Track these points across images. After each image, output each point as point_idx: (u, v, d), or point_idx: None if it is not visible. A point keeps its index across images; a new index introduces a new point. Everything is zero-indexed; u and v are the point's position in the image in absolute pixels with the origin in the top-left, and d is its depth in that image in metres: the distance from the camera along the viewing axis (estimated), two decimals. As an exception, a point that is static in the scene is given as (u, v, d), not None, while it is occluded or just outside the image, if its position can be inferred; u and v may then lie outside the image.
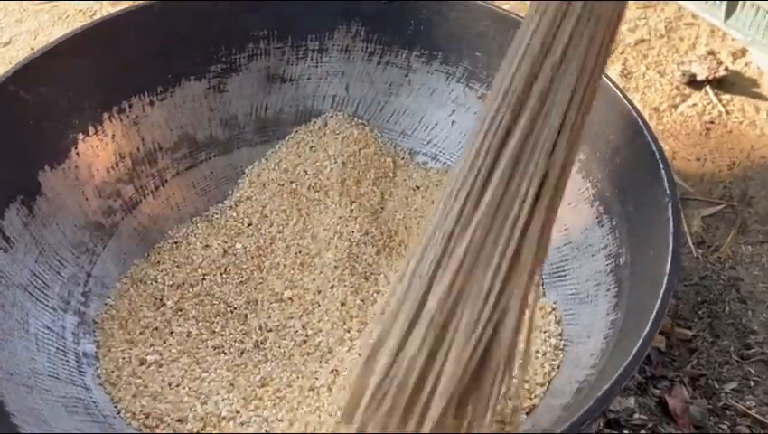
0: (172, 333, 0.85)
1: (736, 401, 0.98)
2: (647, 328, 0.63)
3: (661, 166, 0.75)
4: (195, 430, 0.76)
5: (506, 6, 1.42)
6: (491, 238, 0.56)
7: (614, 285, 0.78)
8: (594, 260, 0.82)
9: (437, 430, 0.55)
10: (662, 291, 0.66)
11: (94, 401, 0.77)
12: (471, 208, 0.56)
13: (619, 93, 0.82)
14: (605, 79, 0.83)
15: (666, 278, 0.66)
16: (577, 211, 0.86)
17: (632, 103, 0.80)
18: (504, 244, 0.55)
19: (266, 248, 0.93)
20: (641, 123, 0.79)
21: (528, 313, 0.57)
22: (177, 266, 0.91)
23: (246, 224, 0.96)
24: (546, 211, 0.56)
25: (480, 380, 0.56)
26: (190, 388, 0.80)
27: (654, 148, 0.76)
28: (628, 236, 0.79)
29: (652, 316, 0.64)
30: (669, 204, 0.72)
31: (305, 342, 0.85)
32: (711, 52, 1.34)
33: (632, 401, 0.98)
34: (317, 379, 0.80)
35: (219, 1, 0.96)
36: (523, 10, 1.05)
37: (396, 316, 0.58)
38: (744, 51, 1.35)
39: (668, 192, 0.73)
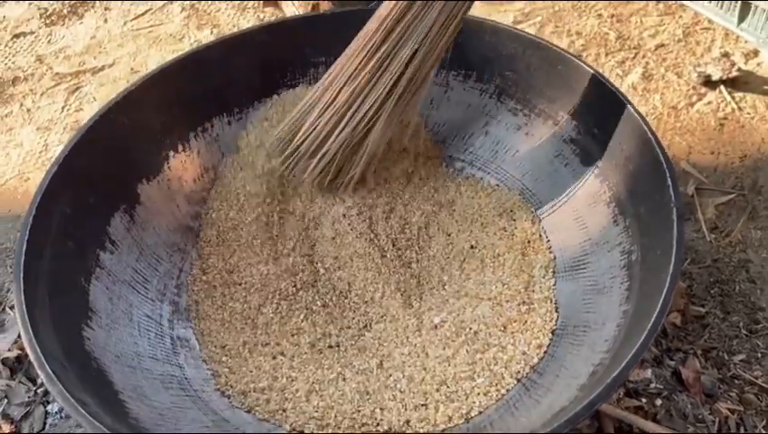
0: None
1: (744, 372, 0.98)
2: (650, 324, 0.63)
3: (668, 175, 0.74)
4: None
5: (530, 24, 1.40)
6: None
7: (627, 279, 0.77)
8: (611, 256, 0.81)
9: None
10: (665, 290, 0.65)
11: (186, 378, 0.80)
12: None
13: (631, 108, 0.80)
14: (619, 95, 0.82)
15: (669, 278, 0.66)
16: (596, 210, 0.85)
17: (642, 117, 0.79)
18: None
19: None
20: (650, 135, 0.77)
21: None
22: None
23: None
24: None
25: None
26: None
27: (662, 159, 0.75)
28: (639, 235, 0.78)
29: (655, 313, 0.64)
30: (674, 209, 0.71)
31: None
32: (725, 54, 1.30)
33: (649, 373, 0.98)
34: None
35: (282, 33, 0.98)
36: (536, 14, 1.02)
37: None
38: (756, 53, 1.31)
39: (673, 198, 0.72)
